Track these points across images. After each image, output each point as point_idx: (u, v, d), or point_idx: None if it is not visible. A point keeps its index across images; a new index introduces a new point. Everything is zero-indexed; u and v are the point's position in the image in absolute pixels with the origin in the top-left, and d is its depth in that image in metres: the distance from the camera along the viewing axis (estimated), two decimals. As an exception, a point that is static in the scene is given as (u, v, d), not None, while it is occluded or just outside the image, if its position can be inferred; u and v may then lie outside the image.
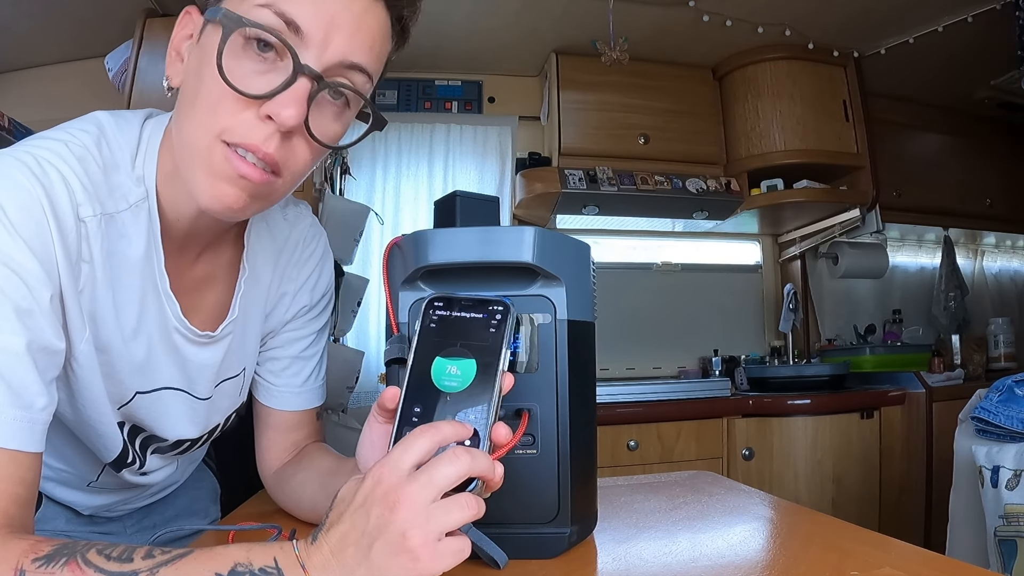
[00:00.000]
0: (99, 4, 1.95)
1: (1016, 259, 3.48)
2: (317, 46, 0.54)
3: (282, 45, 0.53)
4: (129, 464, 0.74)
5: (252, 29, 0.53)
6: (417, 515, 0.41)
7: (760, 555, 0.60)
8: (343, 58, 0.55)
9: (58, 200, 0.53)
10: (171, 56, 0.61)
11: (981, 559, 1.44)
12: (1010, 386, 1.50)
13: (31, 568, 0.43)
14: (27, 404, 0.50)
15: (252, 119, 0.54)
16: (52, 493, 0.78)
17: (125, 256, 0.61)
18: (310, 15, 0.53)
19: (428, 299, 0.52)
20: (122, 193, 0.59)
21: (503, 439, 0.48)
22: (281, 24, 0.53)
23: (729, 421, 2.19)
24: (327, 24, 0.53)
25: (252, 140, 0.54)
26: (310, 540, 0.45)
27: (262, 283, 0.75)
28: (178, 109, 0.59)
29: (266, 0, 0.53)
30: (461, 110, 2.65)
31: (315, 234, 0.80)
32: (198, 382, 0.72)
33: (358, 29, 0.55)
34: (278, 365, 0.80)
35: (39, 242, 0.52)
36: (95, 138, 0.59)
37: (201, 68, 0.55)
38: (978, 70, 2.68)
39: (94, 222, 0.57)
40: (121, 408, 0.68)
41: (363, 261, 2.32)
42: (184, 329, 0.67)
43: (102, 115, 0.62)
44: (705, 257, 2.93)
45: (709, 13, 2.27)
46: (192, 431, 0.75)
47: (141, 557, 0.44)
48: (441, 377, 0.49)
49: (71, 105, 0.66)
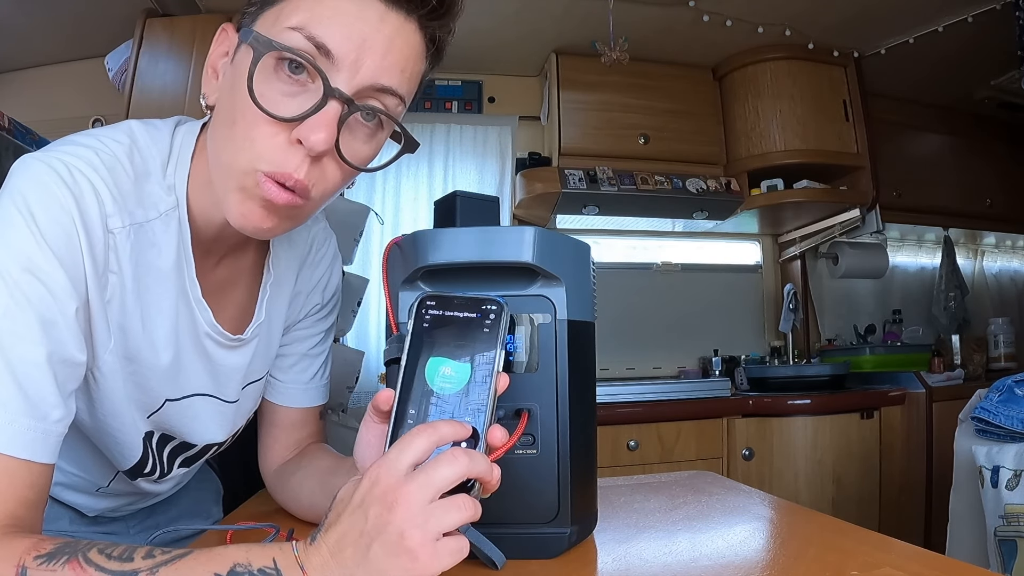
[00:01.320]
0: (99, 4, 1.95)
1: (1016, 259, 3.48)
2: (348, 69, 0.53)
3: (313, 68, 0.53)
4: (147, 473, 0.74)
5: (283, 52, 0.53)
6: (415, 515, 0.41)
7: (760, 555, 0.60)
8: (374, 81, 0.55)
9: (88, 211, 0.54)
10: (207, 73, 0.61)
11: (981, 559, 1.44)
12: (1010, 386, 1.50)
13: (33, 565, 0.44)
14: (42, 415, 0.50)
15: (284, 144, 0.54)
16: (59, 496, 0.78)
17: (155, 265, 0.61)
18: (340, 38, 0.53)
19: (420, 298, 0.52)
20: (152, 202, 0.60)
21: (499, 441, 0.47)
22: (311, 47, 0.53)
23: (729, 421, 2.19)
24: (358, 47, 0.53)
25: (285, 168, 0.54)
26: (309, 541, 0.45)
27: (285, 287, 0.76)
28: (213, 127, 0.59)
29: (297, 23, 0.53)
30: (461, 110, 2.64)
31: (327, 236, 0.82)
32: (227, 386, 0.73)
33: (389, 51, 0.55)
34: (287, 362, 0.81)
35: (67, 253, 0.52)
36: (127, 148, 0.59)
37: (234, 89, 0.55)
38: (978, 70, 2.68)
39: (123, 233, 0.57)
40: (151, 416, 0.68)
41: (363, 261, 2.32)
42: (216, 334, 0.68)
43: (134, 124, 0.62)
44: (705, 257, 2.93)
45: (709, 13, 2.27)
46: (219, 435, 0.76)
47: (142, 557, 0.44)
48: (435, 377, 0.48)
49: (71, 105, 0.66)
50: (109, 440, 0.68)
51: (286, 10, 0.54)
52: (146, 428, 0.69)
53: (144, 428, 0.69)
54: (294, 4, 0.54)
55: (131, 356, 0.62)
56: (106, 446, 0.69)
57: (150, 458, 0.72)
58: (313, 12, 0.53)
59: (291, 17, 0.53)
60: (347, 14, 0.53)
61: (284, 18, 0.53)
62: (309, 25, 0.52)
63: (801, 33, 2.44)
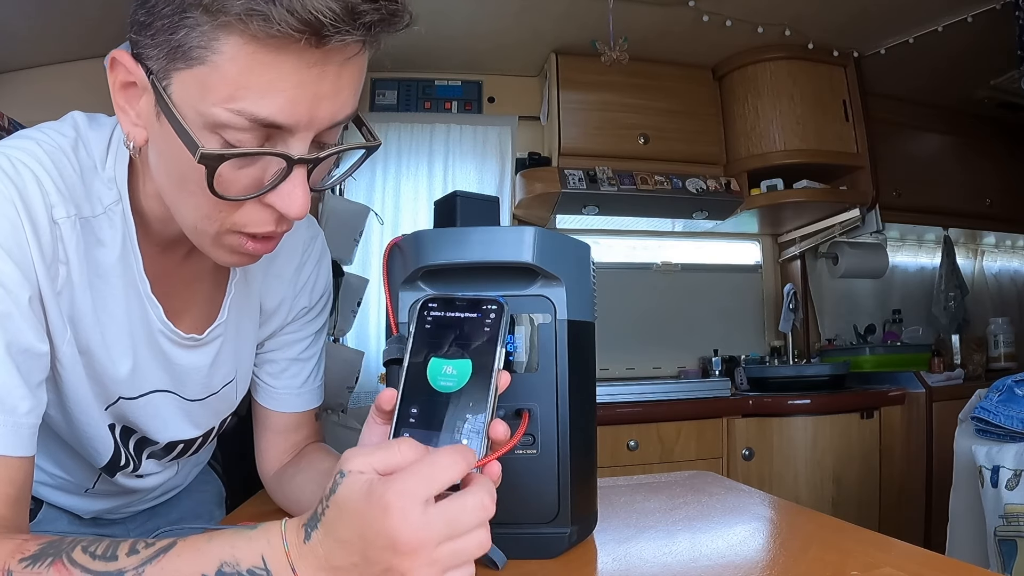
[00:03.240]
0: (100, 4, 1.95)
1: (1016, 259, 3.48)
2: (303, 129, 0.49)
3: (270, 154, 0.49)
4: (123, 467, 0.73)
5: (241, 159, 0.48)
6: (427, 564, 0.40)
7: (760, 555, 0.60)
8: (332, 122, 0.51)
9: (31, 201, 0.53)
10: (118, 108, 0.54)
11: (981, 559, 1.44)
12: (1010, 386, 1.50)
13: (17, 568, 0.43)
14: (10, 408, 0.49)
15: (258, 210, 0.53)
16: (51, 499, 0.78)
17: (102, 261, 0.60)
18: (287, 108, 0.47)
19: (422, 300, 0.52)
20: (97, 196, 0.58)
21: (501, 436, 0.47)
22: (258, 127, 0.47)
23: (729, 421, 2.19)
24: (309, 107, 0.47)
25: (266, 228, 0.54)
26: (303, 538, 0.42)
27: (254, 286, 0.74)
28: (163, 183, 0.55)
29: (234, 106, 0.46)
30: (461, 110, 2.64)
31: (312, 234, 0.79)
32: (187, 384, 0.71)
33: (339, 89, 0.49)
34: (277, 367, 0.80)
35: (14, 243, 0.51)
36: (71, 140, 0.58)
37: (179, 164, 0.50)
38: (978, 70, 2.68)
39: (68, 224, 0.56)
40: (108, 409, 0.67)
41: (363, 261, 2.32)
42: (169, 332, 0.66)
43: (79, 116, 0.60)
44: (705, 257, 2.93)
45: (709, 13, 2.26)
46: (185, 433, 0.75)
47: (125, 553, 0.43)
48: (437, 377, 0.49)
49: (71, 105, 0.65)
50: (81, 435, 0.67)
51: (210, 81, 0.46)
52: (108, 420, 0.68)
53: (106, 420, 0.68)
54: (219, 74, 0.45)
55: (83, 349, 0.61)
56: (79, 441, 0.68)
57: (122, 453, 0.71)
58: (246, 85, 0.45)
59: (219, 91, 0.46)
60: (286, 77, 0.46)
61: (211, 91, 0.46)
62: (247, 104, 0.46)
63: (801, 33, 2.44)
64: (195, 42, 0.45)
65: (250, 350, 0.77)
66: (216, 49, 0.45)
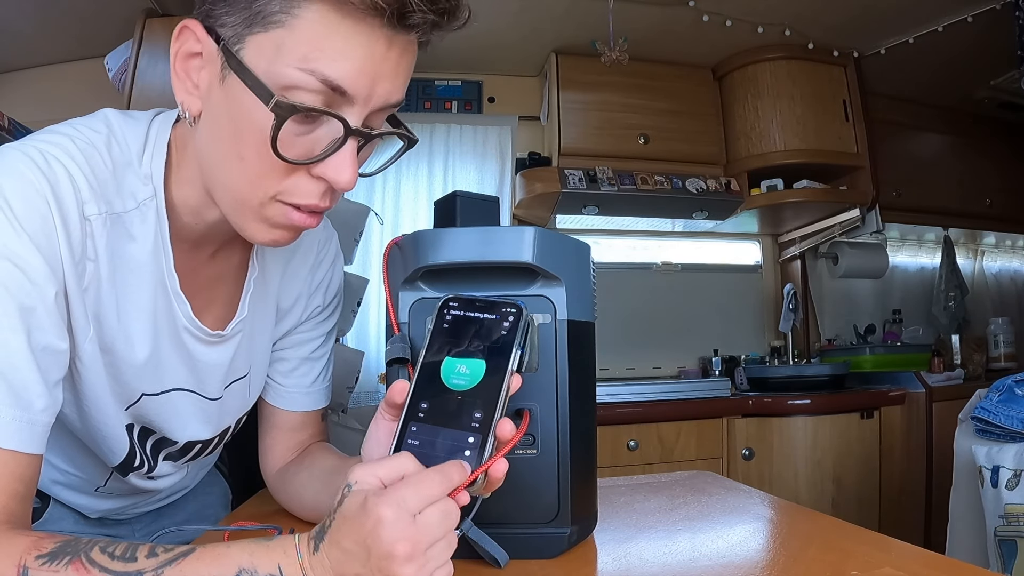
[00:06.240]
0: (99, 4, 1.95)
1: (1016, 259, 3.48)
2: (361, 103, 0.52)
3: (332, 115, 0.52)
4: (136, 468, 0.73)
5: (307, 113, 0.51)
6: (418, 566, 0.44)
7: (760, 555, 0.60)
8: (385, 103, 0.54)
9: (63, 196, 0.53)
10: (178, 78, 0.56)
11: (981, 559, 1.44)
12: (1010, 386, 1.50)
13: (34, 565, 0.43)
14: (26, 404, 0.49)
15: (307, 179, 0.54)
16: (60, 496, 0.78)
17: (132, 257, 0.60)
18: (354, 75, 0.50)
19: (443, 299, 0.54)
20: (131, 191, 0.59)
21: (507, 435, 0.48)
22: (326, 89, 0.50)
23: (729, 421, 2.19)
24: (371, 81, 0.51)
25: (312, 200, 0.55)
26: (312, 549, 0.45)
27: (272, 283, 0.75)
28: (209, 149, 0.56)
29: (307, 64, 0.49)
30: (461, 110, 2.64)
31: (329, 236, 0.81)
32: (208, 382, 0.72)
33: (397, 74, 0.54)
34: (287, 366, 0.80)
35: (44, 238, 0.51)
36: (104, 137, 0.58)
37: (236, 123, 0.52)
38: (978, 70, 2.68)
39: (99, 220, 0.56)
40: (129, 409, 0.67)
41: (363, 261, 2.32)
42: (195, 329, 0.67)
43: (111, 113, 0.61)
44: (705, 257, 2.93)
45: (709, 13, 2.26)
46: (203, 432, 0.75)
47: (145, 556, 0.44)
48: (450, 376, 0.50)
49: (71, 105, 0.65)
50: (96, 434, 0.67)
51: (287, 43, 0.49)
52: (126, 420, 0.68)
53: (124, 420, 0.68)
54: (296, 36, 0.49)
55: (106, 347, 0.61)
56: (94, 441, 0.68)
57: (137, 453, 0.72)
58: (321, 48, 0.49)
59: (295, 51, 0.49)
60: (358, 47, 0.50)
61: (287, 52, 0.49)
62: (320, 65, 0.49)
63: (801, 33, 2.43)
64: (277, 7, 0.49)
65: (266, 348, 0.78)
66: (297, 14, 0.48)
